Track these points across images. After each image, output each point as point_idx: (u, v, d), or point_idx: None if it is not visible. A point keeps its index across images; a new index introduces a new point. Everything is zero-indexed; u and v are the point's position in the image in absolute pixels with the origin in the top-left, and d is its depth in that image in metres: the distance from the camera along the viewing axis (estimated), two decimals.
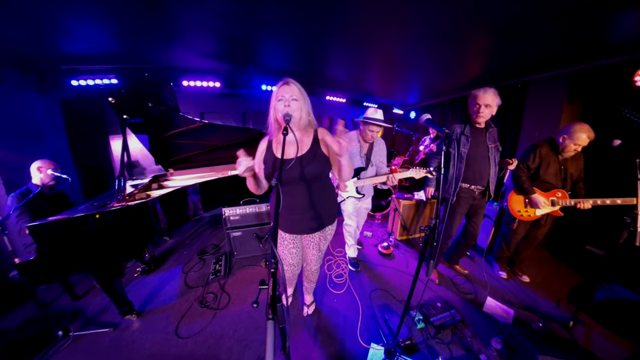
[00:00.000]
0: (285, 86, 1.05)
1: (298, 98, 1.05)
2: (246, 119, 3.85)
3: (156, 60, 2.65)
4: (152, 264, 2.46)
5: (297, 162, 1.08)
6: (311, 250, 1.41)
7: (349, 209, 2.16)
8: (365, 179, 2.00)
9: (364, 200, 2.15)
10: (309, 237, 1.36)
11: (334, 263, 2.49)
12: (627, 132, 2.20)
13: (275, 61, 2.88)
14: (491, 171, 1.88)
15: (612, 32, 1.74)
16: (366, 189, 2.10)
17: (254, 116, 3.85)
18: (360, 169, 1.99)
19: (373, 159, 1.99)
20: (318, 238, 1.34)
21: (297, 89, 1.06)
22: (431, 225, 1.08)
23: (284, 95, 1.04)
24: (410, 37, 2.11)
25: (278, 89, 1.04)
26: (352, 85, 4.07)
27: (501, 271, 2.34)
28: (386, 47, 2.39)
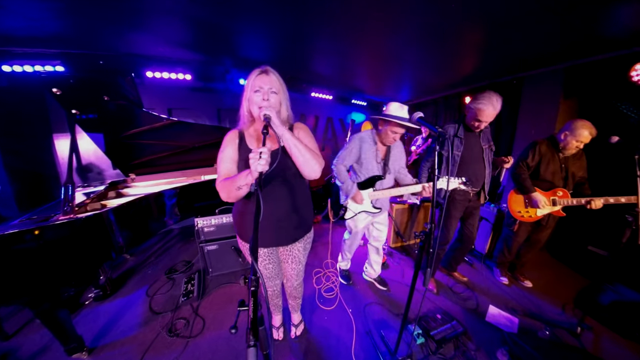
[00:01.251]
0: (264, 76, 1.00)
1: (278, 91, 1.02)
2: (222, 117, 3.78)
3: (114, 46, 2.49)
4: (108, 287, 2.27)
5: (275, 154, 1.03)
6: (290, 264, 1.37)
7: (359, 225, 1.96)
8: (384, 190, 1.79)
9: (378, 215, 1.98)
10: (287, 250, 1.32)
11: (323, 276, 2.47)
12: (624, 128, 2.37)
13: (255, 52, 2.84)
14: (485, 172, 1.94)
15: (608, 25, 1.89)
16: (382, 201, 1.91)
17: (231, 114, 3.78)
18: (375, 179, 1.80)
19: (391, 166, 1.81)
20: (297, 250, 1.31)
21: (277, 80, 1.02)
22: (426, 231, 1.08)
23: (262, 86, 0.99)
24: (401, 30, 2.17)
25: (255, 78, 1.00)
26: (340, 81, 4.11)
27: (502, 277, 2.40)
28: (375, 40, 2.44)
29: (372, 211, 1.90)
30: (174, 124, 2.37)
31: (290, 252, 1.33)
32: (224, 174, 1.07)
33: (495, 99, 1.67)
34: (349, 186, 1.83)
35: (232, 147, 1.10)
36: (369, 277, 2.36)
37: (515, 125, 3.27)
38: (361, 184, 1.84)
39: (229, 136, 1.12)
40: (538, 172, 2.02)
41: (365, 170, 1.82)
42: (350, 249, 2.20)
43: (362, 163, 1.81)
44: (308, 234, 1.31)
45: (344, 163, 1.83)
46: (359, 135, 1.81)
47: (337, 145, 5.52)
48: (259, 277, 0.62)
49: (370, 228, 2.09)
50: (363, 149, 1.78)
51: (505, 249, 2.33)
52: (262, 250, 1.27)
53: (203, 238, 2.34)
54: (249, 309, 0.61)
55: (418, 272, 1.15)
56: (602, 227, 2.55)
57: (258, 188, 0.73)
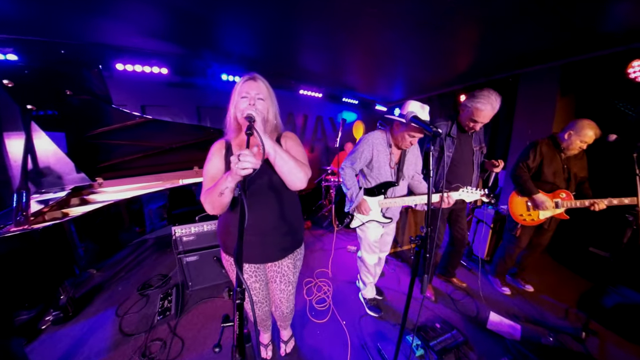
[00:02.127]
0: (251, 82, 1.03)
1: (265, 97, 1.04)
2: (202, 115, 3.72)
3: (78, 33, 2.37)
4: (70, 308, 2.12)
5: (264, 166, 1.03)
6: (279, 285, 1.33)
7: (370, 237, 1.88)
8: (396, 199, 1.72)
9: (389, 226, 1.92)
10: (276, 267, 1.29)
11: (314, 286, 2.44)
12: (622, 126, 2.49)
13: (239, 46, 2.81)
14: (473, 175, 1.98)
15: (605, 22, 1.99)
16: (393, 210, 1.84)
17: (212, 112, 3.73)
18: (387, 185, 1.74)
19: (405, 171, 1.73)
20: (287, 266, 1.28)
21: (264, 86, 1.05)
22: (422, 235, 1.07)
23: (249, 92, 1.02)
24: (395, 24, 2.21)
25: (242, 84, 1.02)
26: (330, 78, 4.14)
27: (503, 287, 2.39)
28: (367, 35, 2.47)
29: (382, 221, 1.83)
30: (147, 122, 2.30)
31: (279, 269, 1.29)
32: (208, 185, 1.05)
33: (494, 98, 1.66)
34: (354, 193, 1.75)
35: (219, 159, 1.10)
36: None
37: (512, 124, 3.39)
38: (370, 190, 1.79)
39: (215, 147, 1.12)
40: (540, 173, 2.04)
41: (376, 175, 1.76)
42: (369, 268, 2.03)
43: (372, 167, 1.75)
44: (298, 249, 1.29)
45: (353, 166, 1.76)
46: (371, 136, 1.72)
47: (327, 145, 5.56)
48: (244, 288, 0.60)
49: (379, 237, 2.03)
50: (375, 152, 1.70)
51: (507, 257, 2.35)
52: (248, 266, 1.23)
53: (181, 248, 2.26)
54: (234, 325, 0.59)
55: (415, 279, 1.15)
56: (603, 228, 2.66)
57: (242, 192, 0.72)
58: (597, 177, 2.48)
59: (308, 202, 4.78)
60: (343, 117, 5.25)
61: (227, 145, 1.12)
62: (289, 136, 1.18)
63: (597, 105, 2.72)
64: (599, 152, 2.54)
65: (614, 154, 2.48)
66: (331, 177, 4.36)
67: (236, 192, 0.79)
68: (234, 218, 1.11)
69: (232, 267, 1.21)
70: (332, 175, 4.41)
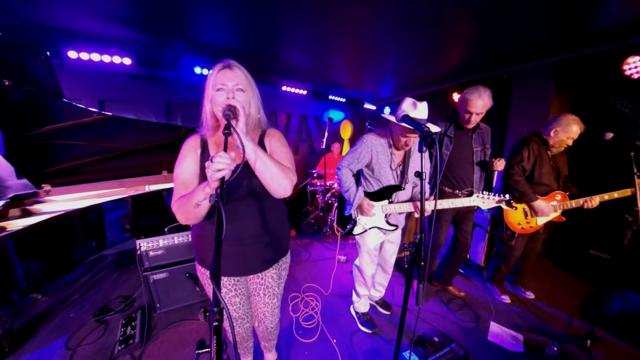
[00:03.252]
0: (227, 71, 0.98)
1: (245, 88, 1.00)
2: (172, 113, 3.65)
3: (19, 12, 2.21)
4: (6, 342, 1.92)
5: (245, 169, 1.01)
6: (262, 298, 1.29)
7: (369, 244, 1.89)
8: (401, 204, 1.72)
9: (391, 233, 1.92)
10: (259, 280, 1.25)
11: (300, 302, 2.41)
12: (618, 124, 2.65)
13: (214, 36, 2.76)
14: (475, 176, 2.04)
15: (599, 17, 2.12)
16: (397, 217, 1.86)
17: (184, 109, 3.67)
18: (391, 189, 1.74)
19: (410, 174, 1.75)
20: (271, 278, 1.25)
21: (243, 76, 1.01)
22: (416, 242, 1.08)
23: (226, 83, 0.97)
24: (384, 18, 2.25)
25: (216, 74, 0.98)
26: (315, 73, 4.17)
27: (503, 295, 2.44)
28: (356, 28, 2.51)
29: (386, 228, 1.83)
30: (107, 120, 2.22)
31: (262, 282, 1.25)
32: (181, 191, 1.02)
33: (482, 89, 1.81)
34: (352, 193, 1.75)
35: (192, 158, 1.05)
36: (370, 300, 2.34)
37: (506, 122, 3.55)
38: (372, 194, 1.79)
39: (188, 144, 1.07)
40: (532, 175, 2.07)
41: (377, 178, 1.77)
42: (366, 278, 2.01)
43: (373, 169, 1.75)
44: (284, 258, 1.26)
45: (350, 167, 1.78)
46: (370, 137, 1.73)
47: (312, 147, 5.58)
48: (222, 308, 0.58)
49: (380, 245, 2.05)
50: (374, 153, 1.71)
51: (503, 266, 2.41)
52: (227, 280, 1.19)
53: (148, 265, 2.16)
54: (211, 351, 0.57)
55: (410, 290, 1.15)
56: (603, 229, 2.80)
57: (219, 199, 0.70)
58: (595, 176, 2.63)
59: (293, 209, 4.74)
60: (329, 116, 5.28)
61: (202, 143, 1.07)
62: (275, 135, 1.15)
63: (592, 103, 2.90)
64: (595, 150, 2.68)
65: (611, 152, 2.64)
66: (317, 181, 4.36)
67: (212, 199, 0.75)
68: (211, 227, 1.08)
69: (208, 280, 1.17)
70: (318, 179, 4.41)
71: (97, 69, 2.91)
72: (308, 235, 3.94)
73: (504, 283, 2.55)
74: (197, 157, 1.05)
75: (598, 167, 2.75)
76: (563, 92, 3.09)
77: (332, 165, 4.56)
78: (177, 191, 1.02)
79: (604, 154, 2.72)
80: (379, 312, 2.28)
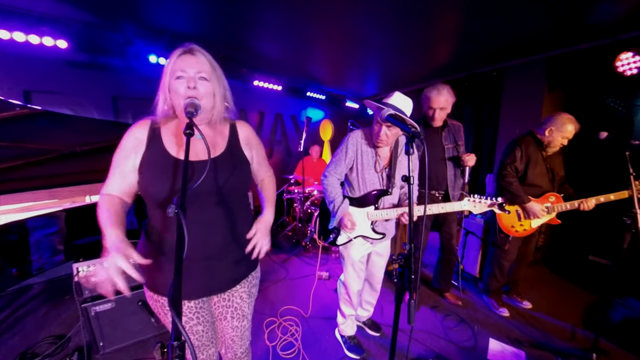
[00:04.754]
0: (189, 57, 0.96)
1: (209, 77, 0.99)
2: (120, 109, 3.51)
3: None
4: None
5: (210, 168, 0.98)
6: (230, 322, 1.24)
7: (355, 256, 1.88)
8: (389, 210, 1.75)
9: (379, 243, 1.93)
10: (225, 301, 1.21)
11: (277, 328, 2.35)
12: (612, 122, 2.86)
13: (173, 19, 2.68)
14: (449, 174, 2.22)
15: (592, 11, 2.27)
16: (385, 224, 1.87)
17: (136, 105, 3.51)
18: (379, 194, 1.76)
19: (398, 177, 1.77)
20: (239, 297, 1.21)
21: (207, 62, 0.99)
22: (405, 253, 1.08)
23: (187, 70, 0.95)
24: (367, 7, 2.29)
25: (175, 60, 0.96)
26: (292, 67, 4.17)
27: (500, 308, 2.52)
28: (337, 17, 2.53)
29: (372, 237, 1.82)
30: (35, 115, 2.05)
31: (229, 302, 1.21)
32: (116, 181, 0.99)
33: (441, 86, 2.07)
34: (336, 205, 1.76)
35: (136, 146, 1.00)
36: (357, 321, 2.32)
37: (497, 122, 3.75)
38: (356, 199, 1.80)
39: (134, 129, 1.02)
40: (525, 176, 2.21)
41: (361, 182, 1.79)
42: (352, 296, 1.99)
43: (357, 170, 1.77)
44: (253, 272, 1.24)
45: (336, 171, 1.79)
46: (354, 135, 1.77)
47: (288, 149, 5.56)
48: (184, 341, 0.56)
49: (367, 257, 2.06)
50: (359, 152, 1.74)
51: (497, 272, 2.51)
52: (187, 304, 1.11)
53: (88, 294, 1.98)
54: None
55: (400, 306, 1.15)
56: (601, 234, 2.99)
57: (179, 211, 0.68)
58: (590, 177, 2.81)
59: None
60: (308, 115, 5.33)
61: (152, 131, 1.02)
62: (246, 129, 1.18)
63: (585, 101, 3.14)
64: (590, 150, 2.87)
65: (606, 152, 2.86)
66: (295, 188, 4.33)
67: (171, 212, 0.71)
68: (165, 241, 1.02)
69: (163, 308, 1.09)
70: (296, 186, 4.38)
71: (21, 52, 2.72)
72: (285, 250, 3.89)
73: (502, 295, 2.64)
74: (142, 145, 0.99)
75: (594, 167, 2.96)
76: (555, 90, 3.33)
77: (312, 170, 4.55)
78: (111, 181, 0.99)
79: (600, 153, 2.93)
80: (367, 334, 2.27)
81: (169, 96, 0.98)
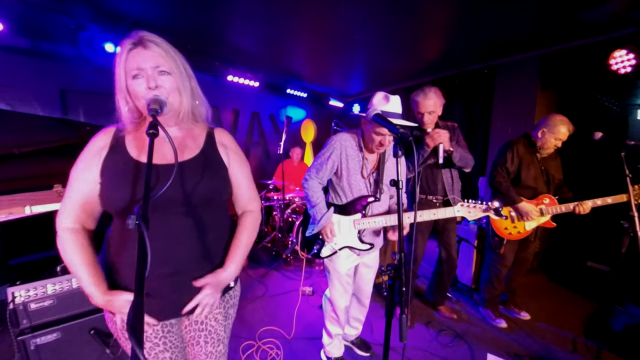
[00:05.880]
0: (141, 50, 0.91)
1: (170, 69, 0.95)
2: (70, 104, 3.42)
3: None
4: None
5: (177, 174, 0.97)
6: (204, 348, 1.19)
7: (341, 268, 1.88)
8: (376, 218, 1.77)
9: (367, 255, 1.93)
10: (198, 324, 1.18)
11: (256, 352, 2.29)
12: (607, 122, 3.00)
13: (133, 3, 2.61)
14: (445, 177, 2.28)
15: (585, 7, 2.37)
16: (373, 234, 1.89)
17: (89, 99, 3.41)
18: (364, 201, 1.78)
19: (386, 182, 1.79)
20: (215, 319, 1.18)
21: (164, 53, 0.94)
22: (395, 263, 1.08)
23: (142, 66, 0.91)
24: None
25: (126, 56, 0.92)
26: (270, 61, 4.15)
27: (497, 319, 2.57)
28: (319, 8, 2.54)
29: (360, 248, 1.83)
30: None
31: (202, 325, 1.16)
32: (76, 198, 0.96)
33: (427, 89, 2.12)
34: (319, 211, 1.77)
35: (97, 155, 0.98)
36: (345, 340, 2.31)
37: (489, 121, 3.87)
38: (342, 207, 1.81)
39: (96, 139, 1.01)
40: (519, 178, 2.31)
41: (347, 188, 1.80)
42: (339, 313, 1.98)
43: (342, 176, 1.78)
44: (231, 290, 1.21)
45: (318, 176, 1.80)
46: (340, 137, 1.78)
47: (267, 152, 5.54)
48: None
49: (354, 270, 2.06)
50: (344, 156, 1.75)
51: (494, 279, 2.57)
52: (153, 327, 1.07)
53: (27, 323, 1.85)
54: None
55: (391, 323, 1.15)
56: (599, 238, 3.11)
57: (141, 221, 0.66)
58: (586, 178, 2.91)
59: None
60: (288, 114, 5.33)
61: (115, 141, 1.00)
62: (226, 137, 1.17)
63: (579, 100, 3.31)
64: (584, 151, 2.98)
65: (601, 152, 2.98)
66: (274, 194, 4.30)
67: (131, 223, 0.68)
68: (124, 253, 0.99)
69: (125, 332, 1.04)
70: (275, 192, 4.34)
71: None
72: (263, 264, 3.83)
73: (499, 306, 2.70)
74: (101, 156, 0.97)
75: (589, 169, 3.10)
76: (549, 90, 3.49)
77: (292, 174, 4.53)
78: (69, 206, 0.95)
79: (595, 154, 3.07)
80: (356, 354, 2.25)
81: (130, 99, 0.95)
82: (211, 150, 1.10)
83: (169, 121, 1.01)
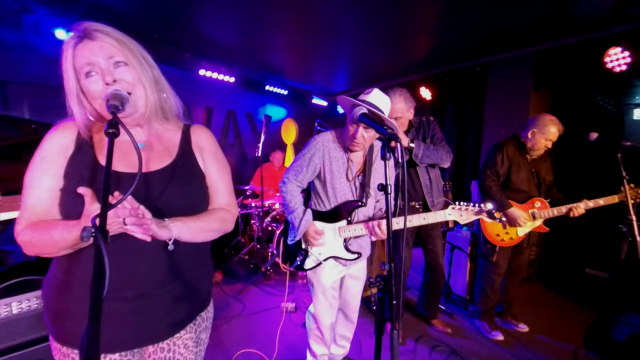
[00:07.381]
0: (88, 43, 0.88)
1: (127, 59, 0.92)
2: (12, 98, 3.33)
3: None
4: None
5: (143, 183, 0.97)
6: None
7: (326, 281, 1.87)
8: (362, 224, 1.76)
9: (353, 265, 1.93)
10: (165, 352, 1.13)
11: None
12: (603, 122, 3.07)
13: None
14: (422, 179, 2.32)
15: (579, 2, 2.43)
16: (360, 242, 1.89)
17: (35, 93, 3.32)
18: (349, 207, 1.79)
19: (373, 187, 1.81)
20: (184, 346, 1.14)
21: (115, 42, 0.91)
22: (384, 274, 1.09)
23: (95, 61, 0.88)
24: None
25: (73, 53, 0.88)
26: (247, 54, 4.11)
27: (494, 331, 2.58)
28: None
29: (345, 257, 1.82)
30: None
31: (170, 354, 1.12)
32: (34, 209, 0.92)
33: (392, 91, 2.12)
34: (296, 217, 1.77)
35: (61, 152, 0.95)
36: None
37: (482, 121, 3.94)
38: (326, 213, 1.81)
39: (55, 134, 0.97)
40: (509, 180, 2.36)
41: (331, 192, 1.80)
42: (324, 330, 1.96)
43: (325, 180, 1.79)
44: (203, 312, 1.19)
45: (297, 179, 1.81)
46: (322, 138, 1.79)
47: (243, 154, 5.49)
48: None
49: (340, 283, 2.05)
50: (327, 158, 1.76)
51: (488, 288, 2.59)
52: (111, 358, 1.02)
53: None
54: None
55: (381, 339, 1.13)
56: (597, 244, 3.18)
57: (99, 234, 0.64)
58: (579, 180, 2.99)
59: (217, 242, 4.42)
60: (267, 113, 5.25)
61: (79, 139, 0.97)
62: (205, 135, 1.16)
63: (574, 99, 3.41)
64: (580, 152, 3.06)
65: (597, 154, 3.07)
66: (252, 201, 4.26)
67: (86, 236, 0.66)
68: (79, 271, 0.95)
69: None
70: (253, 199, 4.31)
71: None
72: (240, 278, 3.75)
73: (494, 317, 2.71)
74: (65, 156, 0.94)
75: (585, 171, 3.19)
76: (542, 88, 3.58)
77: (272, 179, 4.49)
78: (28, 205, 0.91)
79: (590, 156, 3.16)
80: None
81: (87, 102, 0.91)
82: (187, 156, 1.08)
83: (133, 120, 0.97)
